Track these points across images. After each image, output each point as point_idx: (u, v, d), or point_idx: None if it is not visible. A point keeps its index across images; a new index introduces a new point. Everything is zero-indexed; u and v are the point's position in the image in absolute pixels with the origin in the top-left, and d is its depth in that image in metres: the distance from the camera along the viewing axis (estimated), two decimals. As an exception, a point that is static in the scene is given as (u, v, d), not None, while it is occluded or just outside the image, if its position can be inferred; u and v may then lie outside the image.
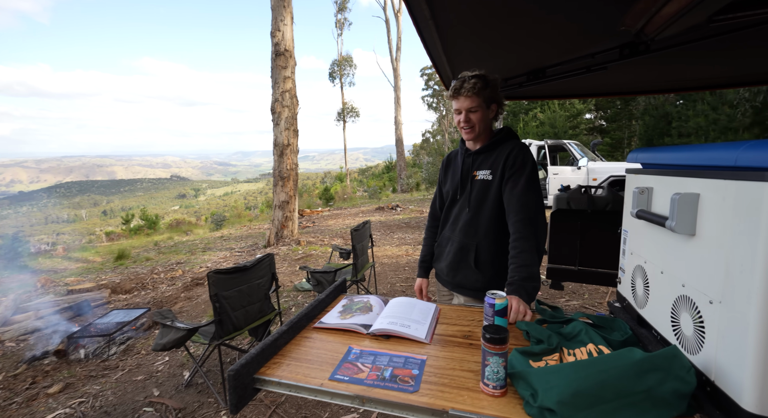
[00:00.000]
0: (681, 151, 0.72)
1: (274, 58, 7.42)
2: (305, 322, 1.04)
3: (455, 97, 1.32)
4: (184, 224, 17.08)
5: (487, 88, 1.29)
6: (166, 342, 2.11)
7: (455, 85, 1.31)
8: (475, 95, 1.28)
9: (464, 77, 1.30)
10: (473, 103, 1.30)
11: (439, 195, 1.59)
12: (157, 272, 5.98)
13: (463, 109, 1.32)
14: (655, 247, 0.80)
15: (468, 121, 1.33)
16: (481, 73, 1.31)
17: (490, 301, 0.94)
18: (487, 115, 1.35)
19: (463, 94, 1.29)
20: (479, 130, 1.35)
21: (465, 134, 1.37)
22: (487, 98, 1.32)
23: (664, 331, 0.76)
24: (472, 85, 1.27)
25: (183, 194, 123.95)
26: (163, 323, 2.19)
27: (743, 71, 2.33)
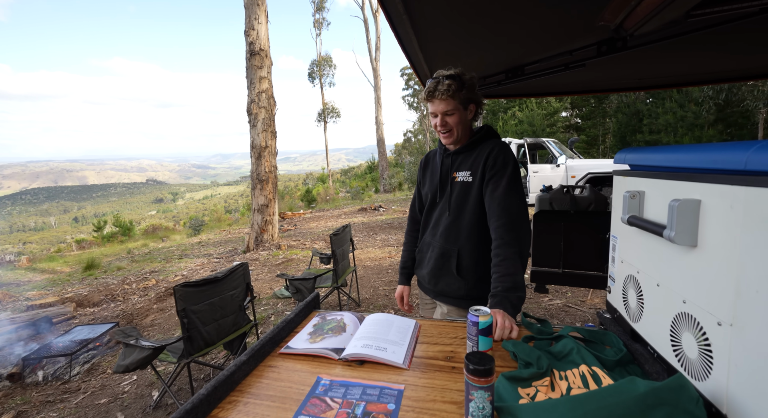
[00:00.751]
0: (678, 151, 0.65)
1: (248, 58, 7.20)
2: (270, 347, 0.93)
3: (429, 100, 1.25)
4: (161, 230, 16.46)
5: (462, 89, 1.22)
6: (129, 363, 1.94)
7: (429, 87, 1.23)
8: (450, 98, 1.21)
9: (438, 78, 1.22)
10: (449, 106, 1.22)
11: (418, 197, 1.52)
12: (129, 282, 5.68)
13: (438, 112, 1.24)
14: (650, 257, 0.73)
15: (445, 124, 1.25)
16: (457, 72, 1.23)
17: (473, 319, 0.86)
18: (465, 116, 1.27)
19: (437, 97, 1.22)
20: (458, 133, 1.28)
21: (443, 139, 1.31)
22: (464, 100, 1.24)
23: (663, 350, 0.69)
24: (447, 87, 1.19)
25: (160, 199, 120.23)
26: (125, 342, 2.02)
27: (718, 68, 2.35)
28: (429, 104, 1.27)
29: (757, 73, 2.54)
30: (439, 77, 1.22)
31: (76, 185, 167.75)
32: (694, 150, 0.62)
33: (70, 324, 3.88)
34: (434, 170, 1.41)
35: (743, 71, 2.44)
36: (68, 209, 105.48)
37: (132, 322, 3.89)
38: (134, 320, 3.94)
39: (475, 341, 0.86)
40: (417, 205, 1.53)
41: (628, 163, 0.86)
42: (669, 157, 0.67)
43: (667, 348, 0.68)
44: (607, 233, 1.85)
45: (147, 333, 3.59)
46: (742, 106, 14.12)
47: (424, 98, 1.27)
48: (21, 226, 67.29)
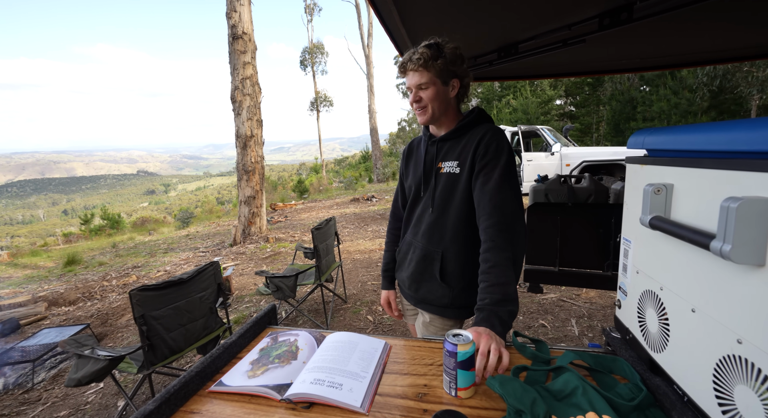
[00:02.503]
0: (727, 129, 0.46)
1: (231, 43, 6.85)
2: (197, 384, 0.74)
3: (403, 73, 1.10)
4: (149, 223, 16.14)
5: (438, 59, 1.04)
6: (82, 377, 1.75)
7: (403, 59, 1.09)
8: (424, 68, 1.05)
9: (414, 49, 1.07)
10: (422, 79, 1.06)
11: (401, 191, 1.37)
12: (109, 278, 5.45)
13: (412, 86, 1.09)
14: (683, 272, 0.54)
15: (418, 100, 1.09)
16: (435, 41, 1.07)
17: (450, 348, 0.67)
18: (445, 92, 1.09)
19: (410, 69, 1.07)
20: (433, 110, 1.10)
21: (419, 117, 1.13)
22: (442, 71, 1.06)
23: (700, 397, 0.51)
24: (420, 55, 1.04)
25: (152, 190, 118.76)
26: (77, 352, 1.82)
27: (732, 44, 2.15)
28: (405, 78, 1.11)
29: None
30: (414, 48, 1.07)
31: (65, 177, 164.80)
32: (756, 126, 0.43)
33: (39, 326, 3.67)
34: (418, 160, 1.24)
35: (760, 48, 2.25)
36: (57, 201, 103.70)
37: (107, 323, 3.69)
38: (109, 320, 3.74)
39: (453, 375, 0.68)
40: (400, 200, 1.37)
41: (647, 147, 0.67)
42: (717, 138, 0.47)
43: (707, 397, 0.50)
44: (608, 228, 1.68)
45: (121, 335, 3.39)
46: (735, 92, 14.03)
47: (399, 73, 1.11)
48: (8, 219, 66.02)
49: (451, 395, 0.69)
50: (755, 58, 2.55)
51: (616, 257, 1.53)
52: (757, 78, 13.27)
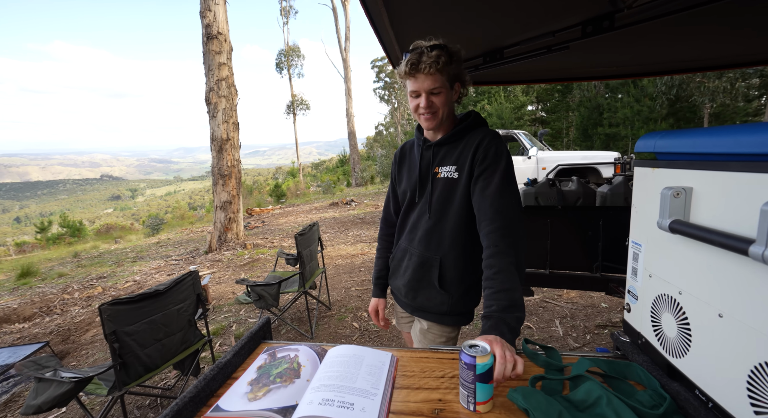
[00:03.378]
0: (757, 132, 0.45)
1: (205, 43, 6.63)
2: (191, 410, 0.67)
3: (412, 75, 1.02)
4: (115, 230, 15.29)
5: (451, 63, 1.01)
6: (43, 402, 1.59)
7: (411, 59, 1.00)
8: (439, 72, 1.00)
9: (421, 49, 1.00)
10: (436, 83, 1.01)
11: (393, 196, 1.33)
12: (71, 290, 5.08)
13: (422, 90, 1.02)
14: (708, 276, 0.54)
15: (430, 105, 1.03)
16: (442, 42, 1.02)
17: (468, 360, 0.64)
18: (451, 97, 1.07)
19: (423, 71, 0.99)
20: (442, 116, 1.07)
21: (425, 122, 1.08)
22: (452, 76, 1.04)
23: (730, 404, 0.51)
24: (435, 59, 0.98)
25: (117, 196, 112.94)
26: (37, 375, 1.66)
27: (703, 55, 2.28)
28: (410, 80, 1.04)
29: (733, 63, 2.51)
30: (421, 48, 1.00)
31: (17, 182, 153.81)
32: (790, 129, 0.42)
33: (-9, 345, 3.35)
34: (412, 165, 1.21)
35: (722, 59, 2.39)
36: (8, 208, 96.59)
37: (68, 339, 3.42)
38: (71, 336, 3.47)
39: (472, 389, 0.64)
40: (392, 206, 1.33)
41: (658, 150, 0.67)
42: (746, 141, 0.47)
43: (739, 403, 0.49)
44: (596, 231, 1.72)
45: (86, 352, 3.15)
46: (690, 101, 15.06)
47: (405, 73, 1.03)
48: (-47, 228, 60.82)
49: (470, 410, 0.65)
50: (718, 68, 2.73)
51: (604, 259, 1.56)
52: (708, 88, 14.32)
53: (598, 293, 3.33)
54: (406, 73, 1.03)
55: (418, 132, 1.20)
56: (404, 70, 1.02)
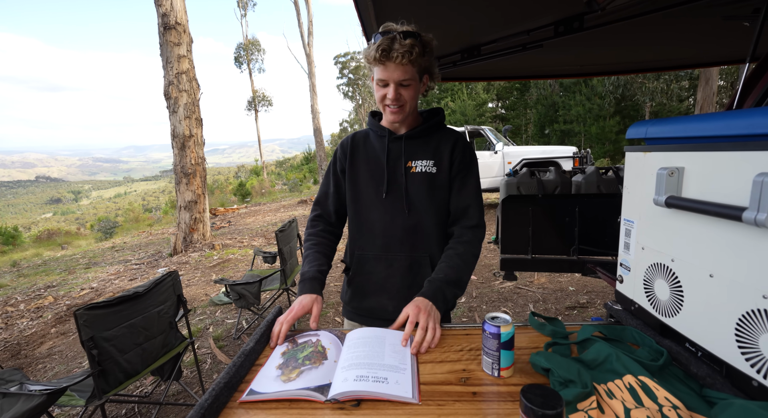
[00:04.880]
0: (745, 116, 0.54)
1: (162, 33, 6.24)
2: (226, 396, 0.67)
3: (382, 63, 0.93)
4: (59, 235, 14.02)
5: (424, 55, 0.96)
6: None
7: (382, 44, 0.91)
8: (410, 64, 0.94)
9: (393, 34, 0.92)
10: (406, 75, 0.95)
11: (335, 193, 1.15)
12: (15, 302, 4.63)
13: (392, 81, 0.95)
14: (698, 243, 0.63)
15: (398, 98, 0.97)
16: (415, 30, 0.95)
17: (492, 330, 0.70)
18: (419, 90, 1.02)
19: (394, 60, 0.92)
20: (409, 110, 1.02)
21: (391, 115, 1.01)
22: (423, 69, 0.99)
23: (720, 351, 0.60)
24: (408, 48, 0.91)
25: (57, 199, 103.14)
26: (2, 391, 1.53)
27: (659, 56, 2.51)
28: (379, 67, 0.95)
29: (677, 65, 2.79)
30: (393, 33, 0.93)
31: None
32: None
33: (-72, 365, 2.98)
34: (373, 158, 1.09)
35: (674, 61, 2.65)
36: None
37: (19, 354, 3.13)
38: (23, 351, 3.17)
39: (496, 356, 0.70)
40: (333, 204, 1.15)
41: (650, 136, 0.76)
42: (736, 124, 0.56)
43: (728, 349, 0.58)
44: (573, 217, 1.86)
45: (43, 366, 2.90)
46: (633, 100, 16.39)
47: (375, 59, 0.93)
48: None
49: (494, 376, 0.71)
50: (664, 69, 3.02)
51: (581, 242, 1.69)
52: (648, 88, 15.68)
53: (566, 278, 3.58)
54: (376, 60, 0.93)
55: (375, 124, 1.11)
56: (374, 56, 0.93)
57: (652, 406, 0.58)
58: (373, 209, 1.08)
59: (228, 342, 2.94)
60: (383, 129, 1.08)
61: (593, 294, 3.25)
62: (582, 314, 2.86)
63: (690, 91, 16.13)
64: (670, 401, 0.58)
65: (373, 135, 1.11)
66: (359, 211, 1.10)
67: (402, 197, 1.05)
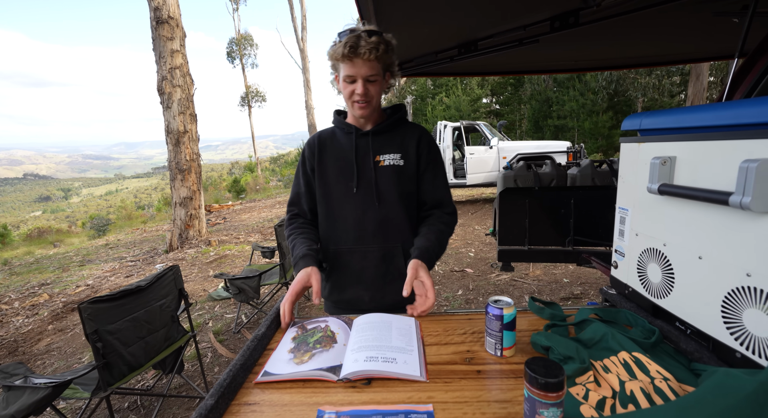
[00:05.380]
0: (733, 107, 0.58)
1: (155, 28, 6.16)
2: (242, 377, 0.70)
3: (349, 59, 0.96)
4: (50, 233, 13.85)
5: (387, 52, 1.00)
6: (16, 411, 1.48)
7: (349, 41, 0.95)
8: (377, 60, 0.98)
9: (359, 32, 0.96)
10: (373, 70, 0.99)
11: (308, 191, 1.17)
12: (9, 300, 4.60)
13: (359, 76, 0.99)
14: (688, 228, 0.67)
15: (366, 93, 1.01)
16: (377, 29, 1.00)
17: (495, 312, 0.73)
18: (383, 86, 1.06)
19: (362, 56, 0.95)
20: (375, 105, 1.07)
21: (359, 110, 1.04)
22: (386, 65, 1.04)
23: (708, 327, 0.64)
24: (374, 45, 0.95)
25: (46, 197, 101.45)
26: (6, 384, 1.54)
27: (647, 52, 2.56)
28: (346, 64, 0.98)
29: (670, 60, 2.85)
30: (357, 31, 0.97)
31: None
32: (760, 103, 0.55)
33: (-75, 363, 2.97)
34: (341, 154, 1.12)
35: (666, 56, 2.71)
36: None
37: (17, 351, 3.13)
38: (20, 348, 3.17)
39: (499, 337, 0.74)
40: (306, 203, 1.17)
41: (644, 127, 0.80)
42: (725, 115, 0.59)
43: (715, 325, 0.63)
44: (569, 209, 1.91)
45: (42, 362, 2.91)
46: (626, 95, 16.53)
47: (342, 55, 0.96)
48: None
49: (497, 356, 0.75)
50: (658, 65, 3.07)
51: (575, 233, 1.74)
52: (640, 84, 15.82)
53: (561, 270, 3.65)
54: (344, 56, 0.96)
55: (341, 121, 1.14)
56: (342, 53, 0.95)
57: (645, 379, 0.62)
58: (345, 204, 1.10)
59: (228, 336, 2.96)
60: (350, 126, 1.11)
61: (587, 285, 3.33)
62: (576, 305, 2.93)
63: (681, 87, 16.31)
64: (662, 374, 0.62)
65: (340, 132, 1.14)
66: (331, 207, 1.12)
67: (372, 191, 1.08)
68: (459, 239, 5.39)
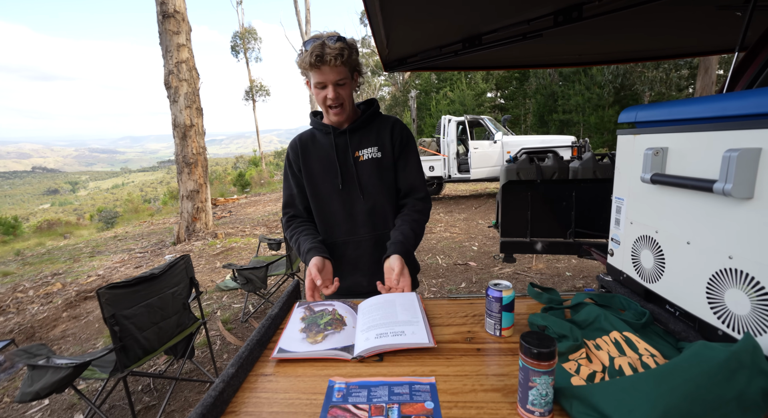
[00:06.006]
0: (720, 100, 0.61)
1: (161, 22, 6.19)
2: (258, 351, 0.76)
3: (317, 67, 1.02)
4: (60, 225, 14.06)
5: (352, 55, 1.06)
6: (40, 388, 1.56)
7: (316, 51, 1.00)
8: (343, 64, 1.03)
9: (322, 40, 1.02)
10: (341, 75, 1.04)
11: (300, 193, 1.22)
12: (23, 289, 4.72)
13: (329, 82, 1.04)
14: (678, 215, 0.71)
15: (337, 97, 1.06)
16: (340, 34, 1.06)
17: (495, 294, 0.78)
18: (353, 87, 1.13)
19: (329, 63, 1.01)
20: (348, 108, 1.12)
21: (334, 116, 1.11)
22: (353, 67, 1.09)
23: (695, 308, 0.68)
24: (339, 51, 1.00)
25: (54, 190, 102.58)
26: (31, 363, 1.62)
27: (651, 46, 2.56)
28: (315, 72, 1.03)
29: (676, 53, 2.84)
30: (322, 39, 1.02)
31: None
32: (744, 96, 0.58)
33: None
34: (324, 154, 1.17)
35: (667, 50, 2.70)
36: None
37: (34, 337, 3.23)
38: (37, 333, 3.28)
39: (498, 318, 0.79)
40: (301, 203, 1.23)
41: (639, 120, 0.83)
42: (713, 107, 0.63)
43: (700, 306, 0.67)
44: (570, 201, 1.94)
45: (58, 347, 3.01)
46: (633, 89, 16.33)
47: (310, 64, 1.01)
48: None
49: (496, 336, 0.80)
50: (663, 58, 3.07)
51: (577, 226, 1.77)
52: (647, 77, 15.60)
53: (563, 264, 3.68)
54: (311, 65, 1.01)
55: (318, 122, 1.19)
56: (309, 62, 1.01)
57: (633, 355, 0.66)
58: (333, 200, 1.17)
59: (236, 325, 3.04)
60: (327, 126, 1.16)
61: (589, 279, 3.36)
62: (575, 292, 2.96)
63: (689, 80, 16.06)
64: (649, 351, 0.66)
65: (319, 133, 1.19)
66: (321, 204, 1.19)
67: (356, 185, 1.16)
68: (462, 233, 5.43)
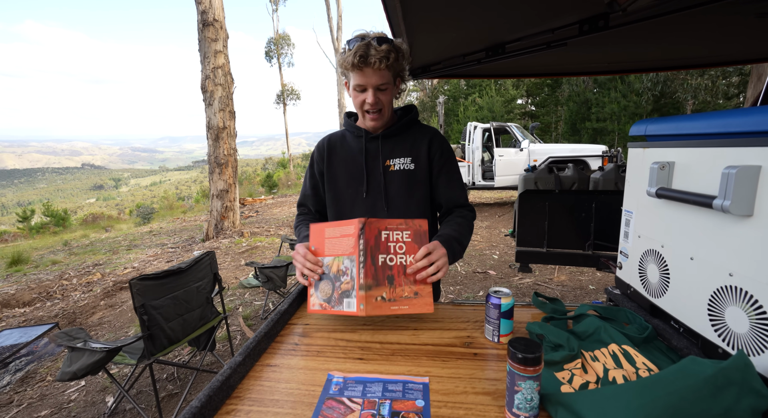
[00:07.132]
0: (723, 117, 0.61)
1: (201, 29, 6.57)
2: (266, 343, 0.81)
3: (359, 68, 0.95)
4: (103, 219, 15.04)
5: (398, 60, 0.99)
6: (78, 369, 1.70)
7: (359, 50, 0.93)
8: (387, 69, 0.96)
9: (367, 40, 0.95)
10: (383, 79, 0.98)
11: (313, 195, 1.18)
12: (68, 277, 5.10)
13: (370, 86, 0.98)
14: (682, 230, 0.70)
15: (377, 102, 1.00)
16: (386, 35, 0.99)
17: (494, 301, 0.80)
18: (394, 93, 1.06)
19: (372, 66, 0.94)
20: (387, 115, 1.06)
21: (371, 120, 1.05)
22: (397, 73, 1.03)
23: (696, 325, 0.67)
24: (385, 54, 0.94)
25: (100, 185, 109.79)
26: (70, 345, 1.76)
27: (686, 54, 2.46)
28: (356, 73, 0.97)
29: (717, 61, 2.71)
30: (367, 39, 0.95)
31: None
32: (746, 113, 0.58)
33: (-3, 327, 3.40)
34: (351, 158, 1.11)
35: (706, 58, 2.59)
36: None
37: (75, 322, 3.49)
38: (77, 319, 3.54)
39: (497, 324, 0.80)
40: (313, 205, 1.19)
41: (649, 133, 0.83)
42: (715, 123, 0.63)
43: (702, 323, 0.66)
44: (590, 212, 1.90)
45: (95, 333, 3.24)
46: (674, 97, 15.51)
47: (353, 65, 0.94)
48: (-74, 217, 58.38)
49: (494, 342, 0.81)
50: (702, 66, 2.93)
51: (596, 238, 1.73)
52: (690, 85, 14.77)
53: (587, 277, 3.57)
54: (353, 65, 0.94)
55: (352, 125, 1.13)
56: (351, 62, 0.94)
57: (630, 368, 0.66)
58: (355, 209, 1.10)
59: (256, 321, 3.15)
60: (360, 129, 1.10)
61: (613, 294, 3.23)
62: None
63: (740, 88, 15.07)
64: (647, 365, 0.66)
65: (350, 135, 1.13)
66: (341, 210, 1.12)
67: (382, 195, 1.07)
68: (484, 241, 5.36)
